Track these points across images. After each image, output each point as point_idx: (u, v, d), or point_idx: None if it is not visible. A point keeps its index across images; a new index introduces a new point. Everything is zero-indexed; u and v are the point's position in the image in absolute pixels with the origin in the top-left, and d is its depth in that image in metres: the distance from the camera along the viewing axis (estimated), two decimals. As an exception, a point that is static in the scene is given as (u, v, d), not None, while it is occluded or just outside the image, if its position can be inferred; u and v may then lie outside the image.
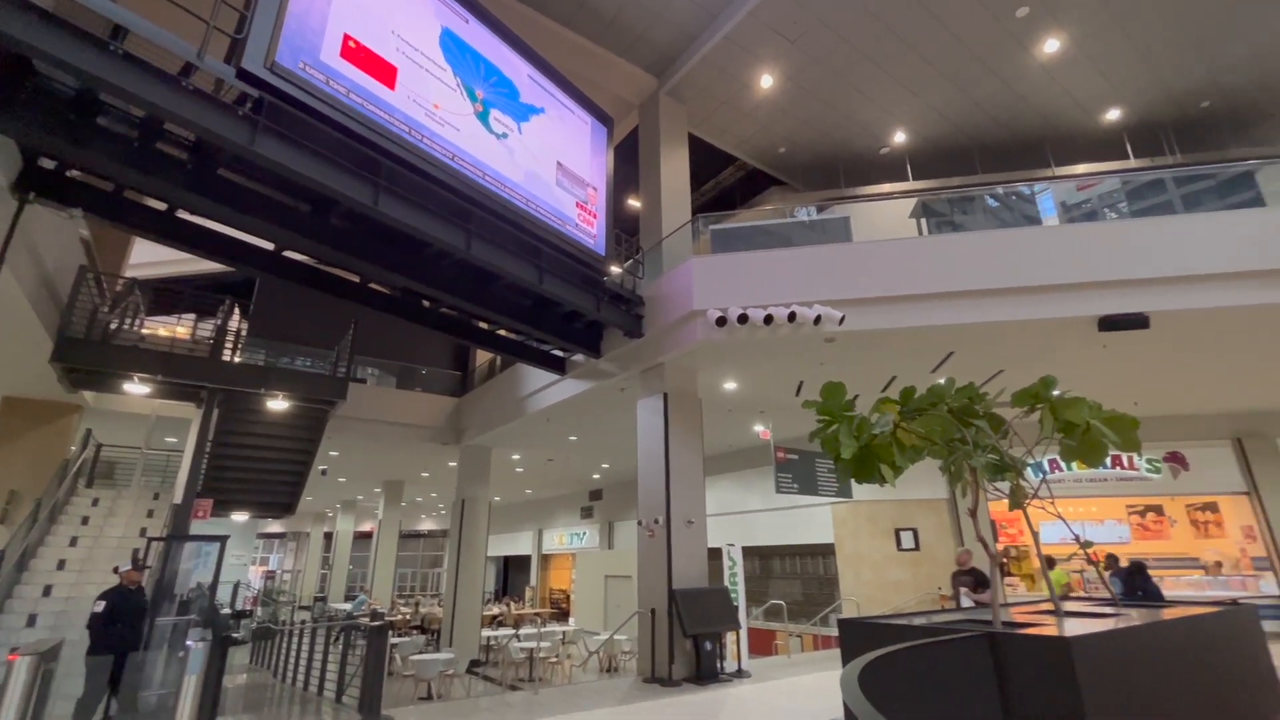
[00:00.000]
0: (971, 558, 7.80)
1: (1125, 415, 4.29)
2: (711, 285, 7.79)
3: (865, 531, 12.10)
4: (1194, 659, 3.98)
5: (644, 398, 8.70)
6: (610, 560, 18.41)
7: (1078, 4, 9.12)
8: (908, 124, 11.74)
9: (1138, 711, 3.27)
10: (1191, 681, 3.88)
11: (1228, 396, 10.43)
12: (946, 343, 7.77)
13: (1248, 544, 11.24)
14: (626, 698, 6.44)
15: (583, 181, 8.50)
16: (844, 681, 1.90)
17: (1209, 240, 6.98)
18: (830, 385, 4.70)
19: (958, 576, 7.55)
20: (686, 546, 7.78)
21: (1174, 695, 3.66)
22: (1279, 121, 11.23)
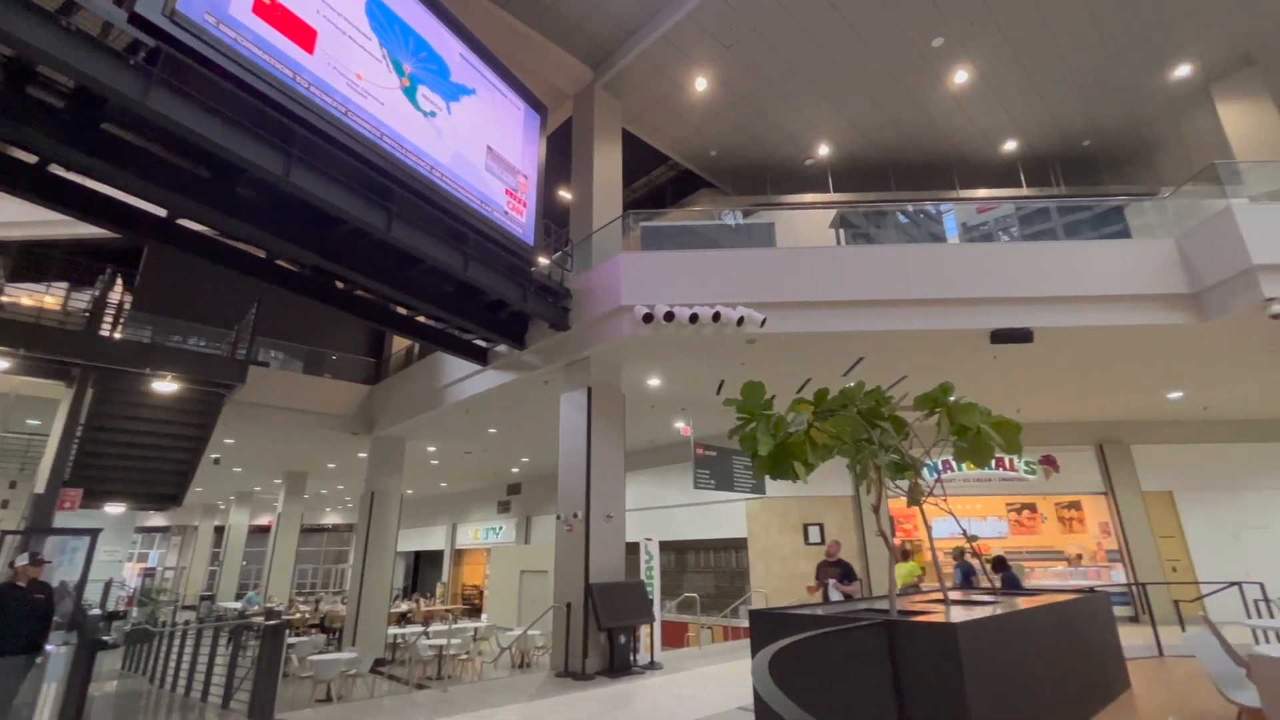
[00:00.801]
0: (840, 549, 7.66)
1: (1010, 421, 4.70)
2: (640, 282, 7.84)
3: (776, 527, 12.59)
4: (1057, 639, 4.42)
5: (568, 391, 8.64)
6: (527, 555, 18.20)
7: (985, 41, 9.87)
8: (831, 138, 12.28)
9: (1009, 684, 3.61)
10: (1055, 657, 4.31)
11: (1093, 407, 11.64)
12: (858, 348, 8.19)
13: (1103, 539, 12.62)
14: (539, 692, 6.39)
15: (513, 168, 8.32)
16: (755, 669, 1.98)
17: (1085, 266, 7.75)
18: (750, 385, 4.85)
19: (825, 568, 7.38)
20: (605, 541, 7.81)
21: (1040, 669, 4.06)
22: (1147, 163, 12.63)
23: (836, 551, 7.55)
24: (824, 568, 7.38)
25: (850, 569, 7.14)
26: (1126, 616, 11.18)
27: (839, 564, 7.32)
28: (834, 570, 7.23)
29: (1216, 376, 9.72)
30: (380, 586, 12.67)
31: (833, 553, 7.54)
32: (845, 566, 7.25)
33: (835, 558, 7.43)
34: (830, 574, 7.20)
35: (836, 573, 7.17)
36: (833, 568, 7.28)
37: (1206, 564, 11.82)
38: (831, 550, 7.60)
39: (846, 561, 7.37)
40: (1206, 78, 10.48)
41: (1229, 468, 12.54)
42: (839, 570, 7.20)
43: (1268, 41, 9.82)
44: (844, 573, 7.14)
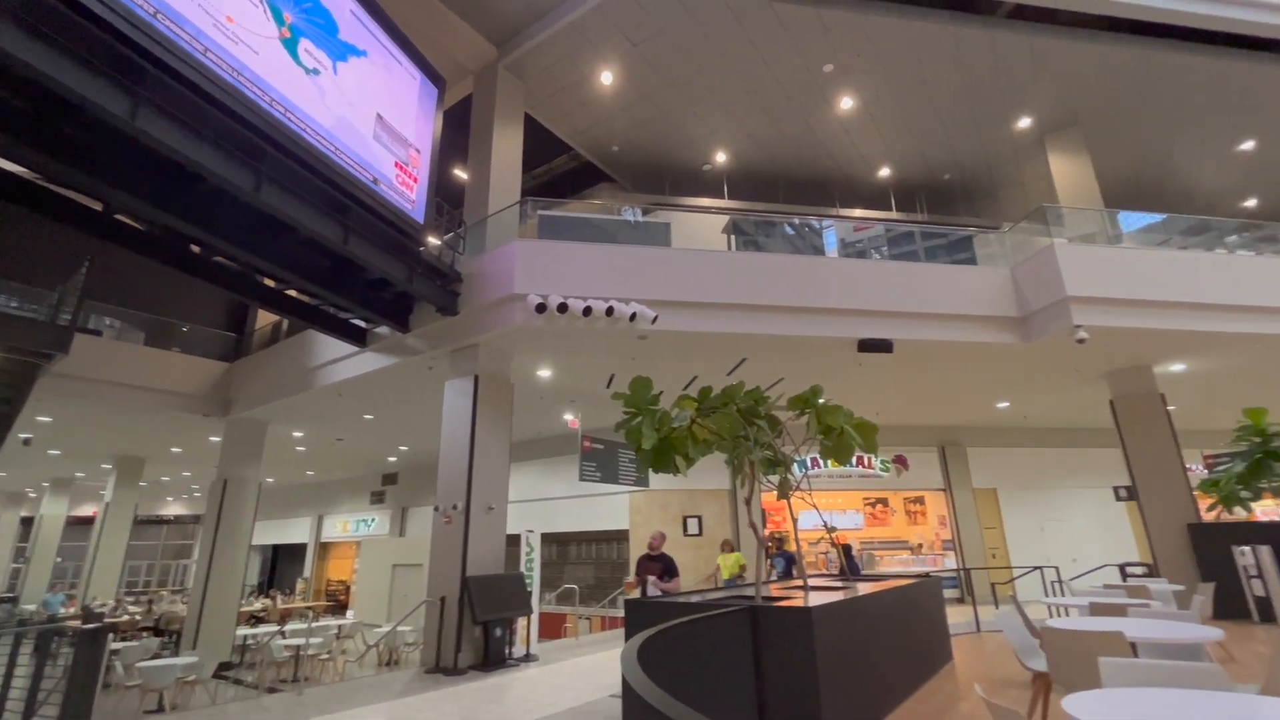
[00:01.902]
0: (664, 542, 6.89)
1: (869, 423, 5.15)
2: (534, 270, 7.73)
3: (657, 518, 12.95)
4: (897, 619, 4.94)
5: (453, 378, 8.35)
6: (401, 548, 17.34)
7: (868, 74, 10.71)
8: (729, 146, 12.78)
9: (855, 659, 3.98)
10: (895, 635, 4.82)
11: (938, 413, 13.07)
12: (743, 349, 8.61)
13: (940, 530, 14.22)
14: (406, 690, 6.14)
15: (405, 141, 7.87)
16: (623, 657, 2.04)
17: (938, 286, 8.66)
18: (638, 380, 4.96)
19: (647, 562, 6.59)
20: (485, 533, 7.64)
21: (882, 645, 4.52)
22: (994, 199, 14.32)
23: (659, 545, 6.74)
24: (645, 562, 6.56)
25: (672, 564, 6.41)
26: (954, 598, 12.67)
27: (660, 558, 6.53)
28: (655, 566, 6.43)
29: (1035, 390, 11.27)
30: (230, 583, 11.54)
31: (655, 546, 6.73)
32: (667, 561, 6.49)
33: (658, 551, 6.65)
34: (651, 569, 6.40)
35: (658, 568, 6.38)
36: (654, 562, 6.46)
37: (1019, 551, 13.70)
38: (654, 543, 6.77)
39: (669, 556, 6.65)
40: (1042, 130, 12.07)
41: (1041, 469, 14.60)
42: (660, 565, 6.40)
43: (1089, 106, 11.49)
44: (665, 568, 6.35)
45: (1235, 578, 8.12)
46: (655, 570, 6.20)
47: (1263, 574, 7.83)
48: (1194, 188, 13.85)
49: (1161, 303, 8.29)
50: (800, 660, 3.45)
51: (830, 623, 3.72)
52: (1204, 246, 10.35)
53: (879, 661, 4.40)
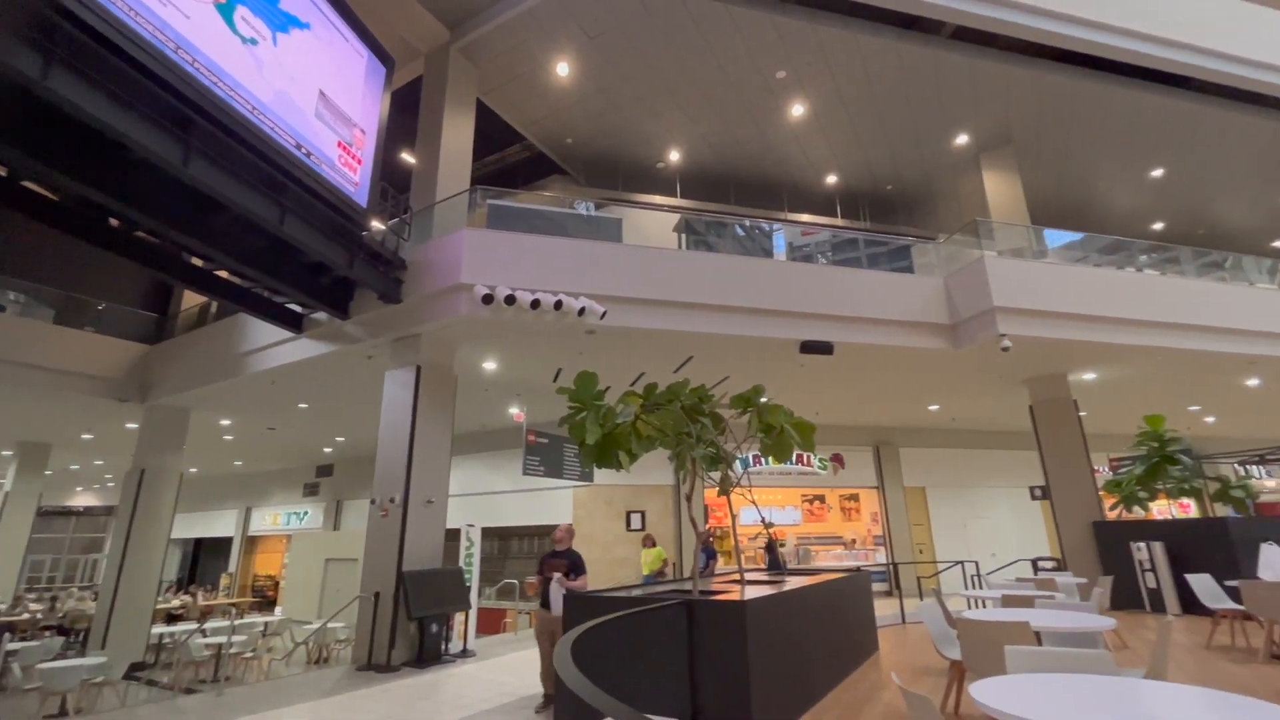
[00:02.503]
0: (572, 536, 5.82)
1: (807, 423, 5.31)
2: (482, 260, 7.60)
3: (601, 513, 12.98)
4: (827, 611, 5.13)
5: (394, 368, 8.12)
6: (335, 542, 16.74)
7: (818, 83, 10.99)
8: (683, 146, 12.87)
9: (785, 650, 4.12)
10: (824, 627, 5.01)
11: (873, 414, 13.60)
12: (690, 347, 8.73)
13: (873, 526, 14.82)
14: (334, 689, 5.96)
15: (349, 120, 7.58)
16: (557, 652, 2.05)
17: (878, 293, 9.01)
18: (584, 375, 4.97)
19: (551, 560, 5.57)
20: (423, 527, 7.49)
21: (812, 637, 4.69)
22: (932, 211, 14.95)
23: (567, 540, 5.71)
24: (549, 559, 5.57)
25: (579, 561, 5.51)
26: (883, 591, 13.24)
27: (567, 555, 5.55)
28: (560, 563, 5.44)
29: (964, 394, 11.88)
30: (145, 579, 10.88)
31: (561, 540, 5.71)
32: (574, 558, 5.54)
33: (565, 546, 5.66)
34: (556, 567, 5.42)
35: (563, 565, 5.42)
36: (559, 559, 5.50)
37: (944, 547, 14.44)
38: (559, 537, 5.73)
39: (576, 552, 5.68)
40: (978, 148, 12.70)
41: (966, 469, 15.40)
42: (566, 562, 5.44)
43: (1021, 128, 12.16)
44: (572, 565, 5.43)
45: (1132, 571, 8.81)
46: (560, 567, 5.42)
47: (1155, 568, 8.52)
48: (1111, 209, 14.86)
49: (1078, 316, 8.88)
50: (732, 652, 3.55)
51: (762, 616, 3.83)
52: (1117, 265, 11.14)
53: (808, 652, 4.56)
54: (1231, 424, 15.68)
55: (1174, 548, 8.58)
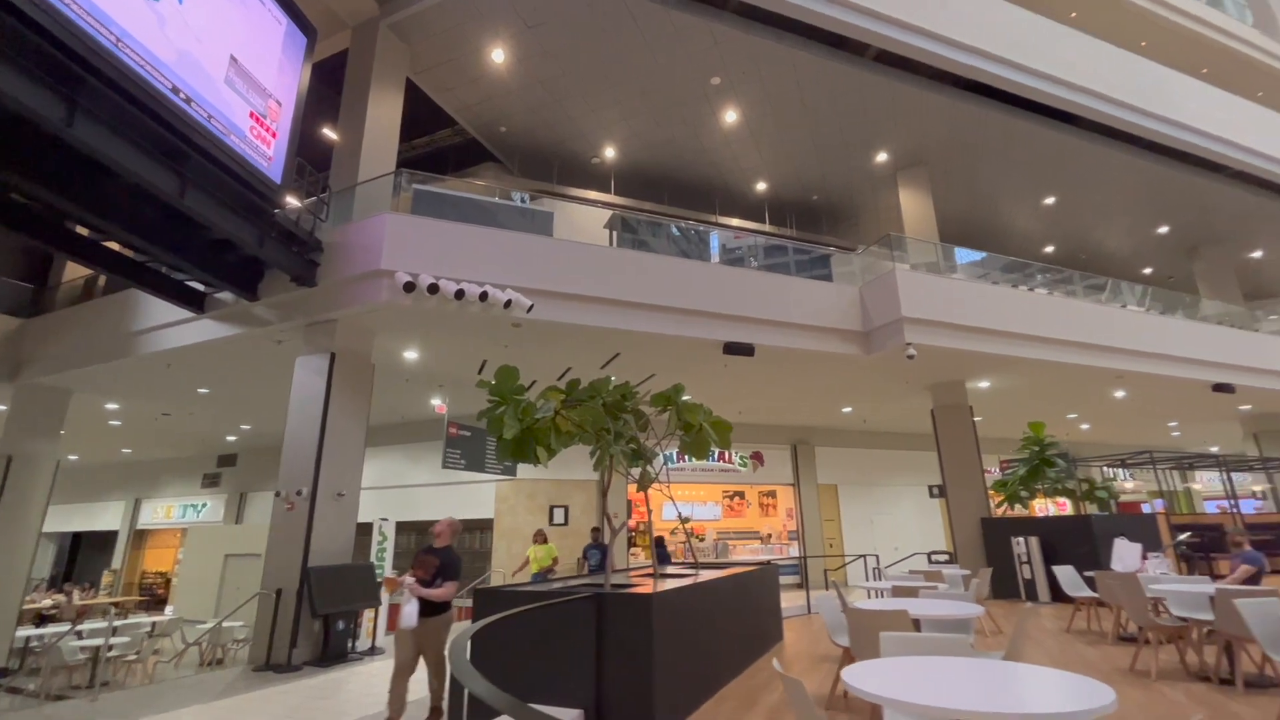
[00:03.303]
0: (454, 533, 4.83)
1: (725, 421, 5.50)
2: (405, 246, 7.37)
3: (523, 507, 12.88)
4: (735, 603, 5.35)
5: (306, 354, 7.75)
6: (237, 536, 15.76)
7: (752, 92, 11.31)
8: (618, 143, 12.92)
9: (692, 641, 4.28)
10: (731, 618, 5.22)
11: (792, 413, 14.18)
12: (618, 344, 8.79)
13: (788, 521, 15.46)
14: (227, 690, 5.66)
15: (264, 90, 7.14)
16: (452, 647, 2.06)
17: (799, 298, 9.40)
18: (504, 369, 4.94)
19: (423, 556, 4.58)
20: (332, 521, 7.20)
21: (719, 628, 4.88)
22: (854, 223, 15.69)
23: (447, 535, 4.74)
24: (420, 556, 4.60)
25: (453, 563, 4.52)
26: (795, 584, 13.86)
27: (442, 553, 4.57)
28: (430, 560, 4.49)
29: (874, 397, 12.59)
30: (11, 577, 9.87)
31: (441, 535, 4.74)
32: (448, 559, 4.51)
33: (444, 543, 4.70)
34: (424, 565, 4.46)
35: (433, 564, 4.46)
36: (430, 556, 4.54)
37: (852, 541, 15.25)
38: (440, 530, 4.76)
39: (454, 553, 4.65)
40: (896, 166, 13.45)
41: (874, 468, 16.33)
42: (436, 561, 4.48)
43: (935, 150, 12.98)
44: (442, 566, 4.45)
45: (1012, 564, 9.65)
46: (429, 566, 4.36)
47: (1031, 560, 9.38)
48: (1011, 231, 16.12)
49: (977, 329, 9.60)
50: (638, 643, 3.65)
51: (670, 608, 3.96)
52: (1014, 283, 12.13)
53: (713, 643, 4.75)
54: (1102, 431, 17.42)
55: (1048, 542, 9.47)
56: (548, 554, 9.21)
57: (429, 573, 4.43)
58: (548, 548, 9.35)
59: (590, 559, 9.28)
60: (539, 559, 9.23)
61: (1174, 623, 5.03)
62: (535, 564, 9.23)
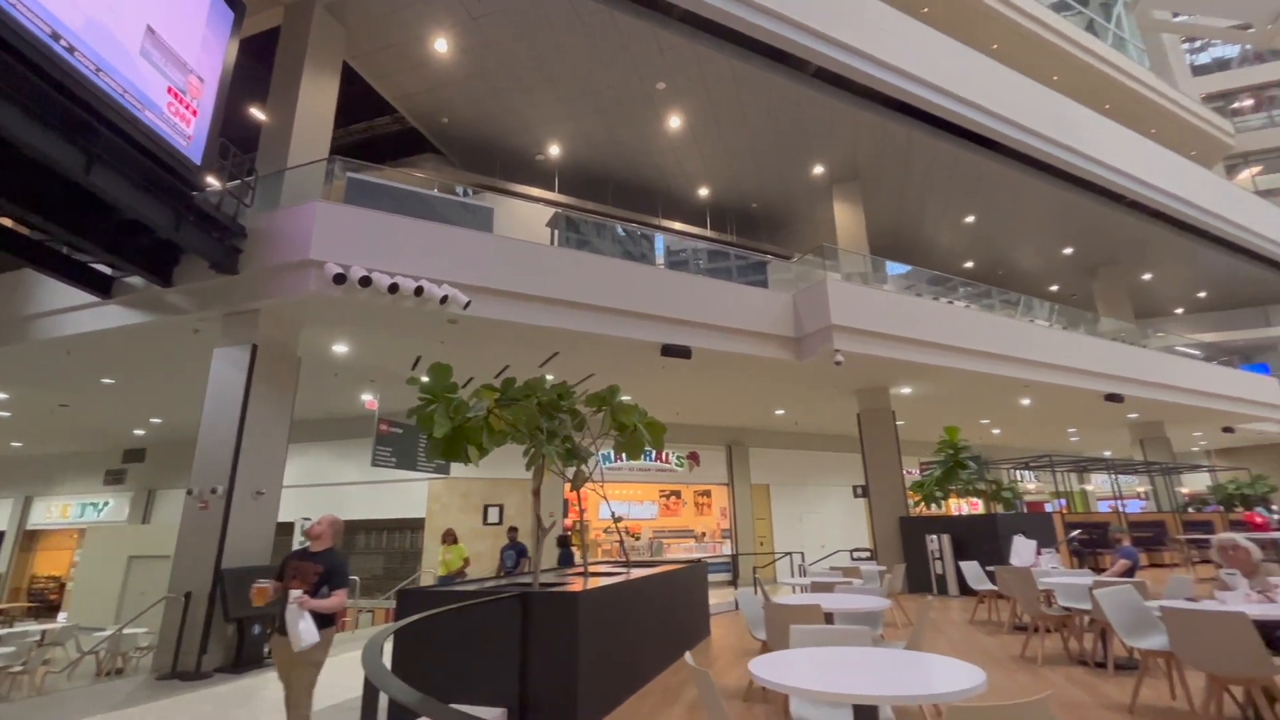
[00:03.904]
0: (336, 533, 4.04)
1: (658, 422, 5.62)
2: (336, 236, 7.13)
3: (457, 506, 12.67)
4: (662, 601, 5.48)
5: (225, 345, 7.37)
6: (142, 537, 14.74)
7: (696, 99, 11.53)
8: (563, 141, 12.88)
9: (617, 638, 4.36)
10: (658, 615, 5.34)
11: (727, 415, 14.54)
12: (557, 342, 8.78)
13: (722, 520, 15.83)
14: (127, 700, 5.33)
15: (184, 65, 6.75)
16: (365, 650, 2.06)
17: (735, 303, 9.66)
18: (437, 366, 4.88)
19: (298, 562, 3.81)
20: (250, 520, 6.88)
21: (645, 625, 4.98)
22: (791, 232, 16.22)
23: (328, 537, 3.96)
24: (296, 562, 3.83)
25: (340, 567, 3.85)
26: (726, 581, 14.22)
27: (324, 558, 3.85)
28: (310, 568, 3.76)
29: (805, 400, 13.07)
30: None
31: (320, 536, 3.95)
32: (333, 564, 3.83)
33: (325, 546, 3.93)
34: (303, 574, 3.71)
35: (315, 572, 3.74)
36: (310, 562, 3.79)
37: (782, 539, 15.77)
38: (319, 532, 3.96)
39: (339, 555, 3.98)
40: (831, 179, 14.01)
41: (804, 468, 16.94)
42: (321, 568, 3.76)
43: (867, 166, 13.59)
44: (328, 572, 3.76)
45: (927, 560, 10.25)
46: (309, 575, 3.69)
47: (943, 556, 9.99)
48: (935, 246, 17.07)
49: (901, 338, 10.14)
50: (564, 642, 3.70)
51: (596, 606, 4.03)
52: (936, 296, 12.86)
53: (640, 639, 4.85)
54: (1011, 435, 18.71)
55: (958, 539, 10.11)
56: (458, 555, 8.73)
57: (310, 582, 3.67)
58: (458, 548, 8.90)
59: (507, 560, 8.92)
60: (448, 561, 8.72)
61: (1060, 613, 5.51)
62: (444, 566, 8.72)
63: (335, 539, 4.05)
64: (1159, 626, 3.93)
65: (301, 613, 3.51)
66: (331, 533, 4.02)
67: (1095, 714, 3.90)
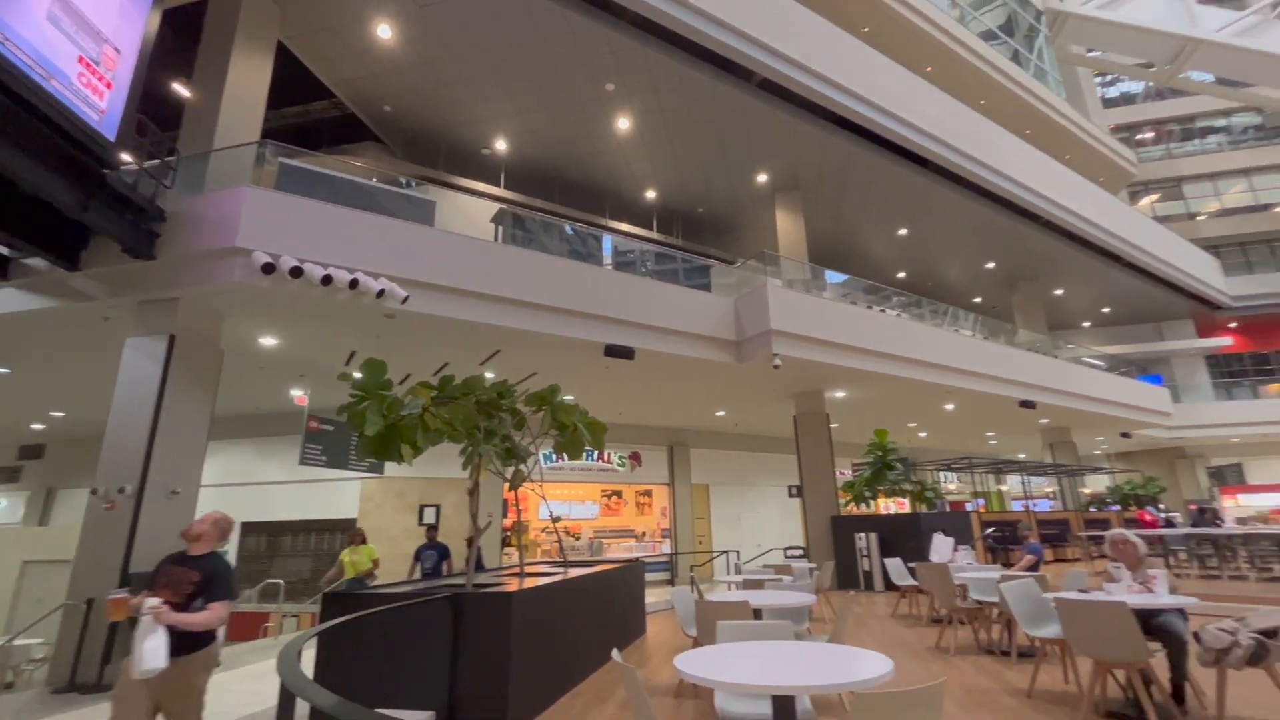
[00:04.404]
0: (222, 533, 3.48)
1: (599, 422, 5.64)
2: (266, 224, 6.81)
3: (391, 506, 12.30)
4: (598, 600, 5.51)
5: (139, 335, 6.91)
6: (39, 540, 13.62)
7: (645, 102, 11.62)
8: (511, 136, 12.72)
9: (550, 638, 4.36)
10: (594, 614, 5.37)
11: (669, 416, 14.71)
12: (498, 340, 8.67)
13: (662, 520, 16.00)
14: (17, 716, 4.93)
15: (97, 33, 6.29)
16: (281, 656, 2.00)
17: (679, 306, 9.79)
18: (371, 362, 4.76)
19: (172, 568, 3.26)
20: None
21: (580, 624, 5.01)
22: (735, 237, 16.55)
23: (212, 537, 3.42)
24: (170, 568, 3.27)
25: (223, 575, 3.29)
26: (665, 580, 14.38)
27: (205, 563, 3.30)
28: (186, 574, 3.19)
29: (744, 402, 13.38)
30: None
31: (202, 537, 3.37)
32: (214, 571, 3.27)
33: (206, 549, 3.38)
34: (178, 580, 3.16)
35: (192, 580, 3.17)
36: (186, 568, 3.24)
37: (721, 538, 16.08)
38: (198, 532, 3.39)
39: (221, 560, 3.41)
40: (774, 188, 14.40)
41: (743, 469, 17.33)
42: (200, 575, 3.20)
43: (808, 177, 14.04)
44: (207, 581, 3.20)
45: (855, 557, 10.69)
46: (185, 582, 3.13)
47: (870, 554, 10.45)
48: (870, 256, 17.80)
49: (837, 344, 10.53)
50: (495, 643, 3.69)
51: (529, 606, 4.03)
52: (870, 304, 13.42)
53: (575, 639, 4.87)
54: (936, 439, 19.73)
55: (885, 537, 10.60)
56: (366, 556, 8.07)
57: (183, 592, 3.07)
58: (366, 549, 8.23)
59: (425, 561, 8.37)
60: (355, 562, 8.02)
61: (972, 605, 5.87)
62: (350, 568, 8.02)
63: (220, 540, 3.46)
64: (1055, 616, 4.25)
65: (155, 627, 2.87)
66: (216, 533, 3.43)
67: (998, 699, 4.19)
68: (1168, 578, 4.06)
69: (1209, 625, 3.58)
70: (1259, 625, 3.46)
